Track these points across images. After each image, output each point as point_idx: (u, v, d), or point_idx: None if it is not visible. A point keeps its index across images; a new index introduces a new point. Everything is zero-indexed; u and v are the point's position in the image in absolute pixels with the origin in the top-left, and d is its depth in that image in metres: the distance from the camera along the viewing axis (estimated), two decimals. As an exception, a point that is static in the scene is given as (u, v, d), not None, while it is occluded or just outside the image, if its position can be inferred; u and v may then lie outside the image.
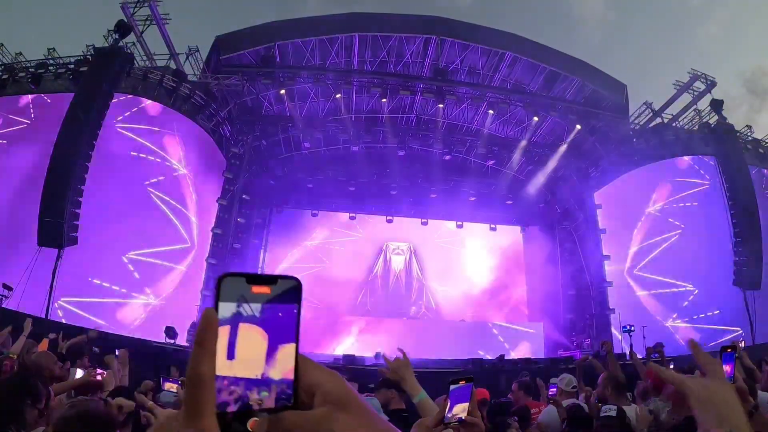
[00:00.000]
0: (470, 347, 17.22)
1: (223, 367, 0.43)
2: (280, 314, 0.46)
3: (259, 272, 0.47)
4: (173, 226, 15.83)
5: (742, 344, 11.90)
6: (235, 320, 0.44)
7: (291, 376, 0.47)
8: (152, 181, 15.34)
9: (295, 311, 0.47)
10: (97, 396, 3.47)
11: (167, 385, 5.36)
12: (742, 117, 37.76)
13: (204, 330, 0.43)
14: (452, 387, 1.70)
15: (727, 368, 1.73)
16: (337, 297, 19.12)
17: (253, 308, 0.45)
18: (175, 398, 4.79)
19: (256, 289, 0.45)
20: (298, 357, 0.47)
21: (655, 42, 45.20)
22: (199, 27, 24.08)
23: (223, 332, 0.44)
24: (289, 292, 0.47)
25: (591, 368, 6.19)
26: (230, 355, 0.44)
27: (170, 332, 13.19)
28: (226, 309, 0.44)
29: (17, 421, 2.56)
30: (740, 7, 43.42)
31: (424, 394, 2.16)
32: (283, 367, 0.46)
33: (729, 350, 1.76)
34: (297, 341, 0.47)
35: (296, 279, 0.47)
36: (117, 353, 5.46)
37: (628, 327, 13.75)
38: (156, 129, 15.48)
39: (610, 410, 2.98)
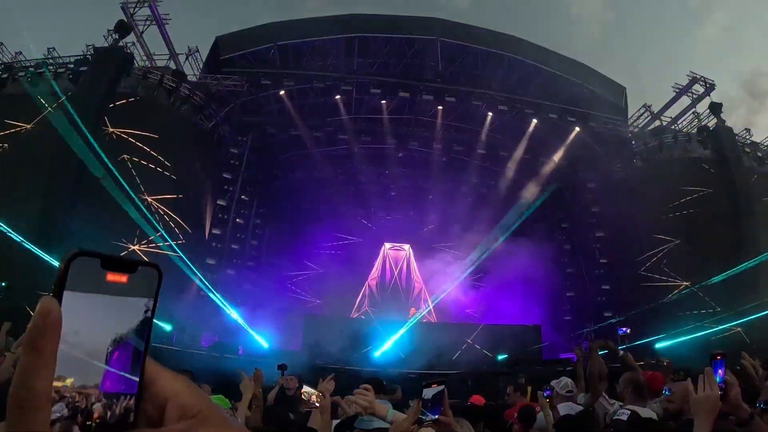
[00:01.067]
0: (468, 348, 17.26)
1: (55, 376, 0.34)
2: (134, 311, 0.38)
3: (122, 256, 0.38)
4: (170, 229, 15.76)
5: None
6: (79, 316, 0.35)
7: (135, 387, 0.38)
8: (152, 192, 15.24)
9: (150, 308, 0.39)
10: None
11: None
12: (740, 119, 37.87)
13: (41, 330, 0.32)
14: (425, 390, 1.75)
15: (719, 372, 1.78)
16: (337, 297, 19.13)
17: (105, 302, 0.37)
18: None
19: (112, 276, 0.37)
20: (146, 363, 0.39)
21: (654, 43, 45.31)
22: (199, 27, 24.13)
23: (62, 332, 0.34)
24: (148, 283, 0.39)
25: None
26: (65, 360, 0.34)
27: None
28: (71, 301, 0.34)
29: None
30: (739, 9, 43.54)
31: (392, 409, 2.25)
32: (128, 375, 0.38)
33: (719, 357, 1.82)
34: (147, 344, 0.39)
35: (158, 268, 0.40)
36: None
37: (624, 330, 13.76)
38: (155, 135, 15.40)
39: (622, 414, 3.02)
